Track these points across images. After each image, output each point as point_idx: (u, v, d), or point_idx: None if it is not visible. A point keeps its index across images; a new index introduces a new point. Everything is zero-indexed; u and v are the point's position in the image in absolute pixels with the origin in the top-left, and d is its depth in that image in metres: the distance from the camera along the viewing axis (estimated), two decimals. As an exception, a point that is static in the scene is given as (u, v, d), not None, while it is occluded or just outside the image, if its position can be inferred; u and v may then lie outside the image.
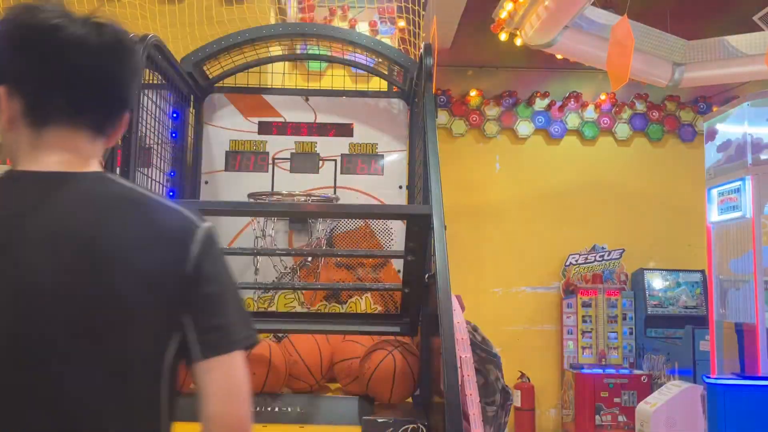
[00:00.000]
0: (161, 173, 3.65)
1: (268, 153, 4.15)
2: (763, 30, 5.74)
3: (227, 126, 4.18)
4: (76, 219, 1.09)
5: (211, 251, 1.16)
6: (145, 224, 1.13)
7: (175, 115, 3.90)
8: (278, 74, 4.51)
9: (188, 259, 1.13)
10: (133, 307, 1.09)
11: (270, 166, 4.13)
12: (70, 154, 1.14)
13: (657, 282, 7.04)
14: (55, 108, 1.14)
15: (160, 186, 3.62)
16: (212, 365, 1.13)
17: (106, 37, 1.15)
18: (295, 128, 4.18)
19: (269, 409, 2.89)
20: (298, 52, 4.39)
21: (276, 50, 4.29)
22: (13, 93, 1.12)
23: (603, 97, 7.58)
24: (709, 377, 4.44)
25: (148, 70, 3.35)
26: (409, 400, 3.15)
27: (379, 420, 2.64)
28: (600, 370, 6.67)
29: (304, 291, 3.92)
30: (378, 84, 4.47)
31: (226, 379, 1.13)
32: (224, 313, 1.16)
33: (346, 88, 4.52)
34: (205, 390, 1.13)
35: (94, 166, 1.18)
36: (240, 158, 4.14)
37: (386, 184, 4.12)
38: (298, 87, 4.78)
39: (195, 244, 1.14)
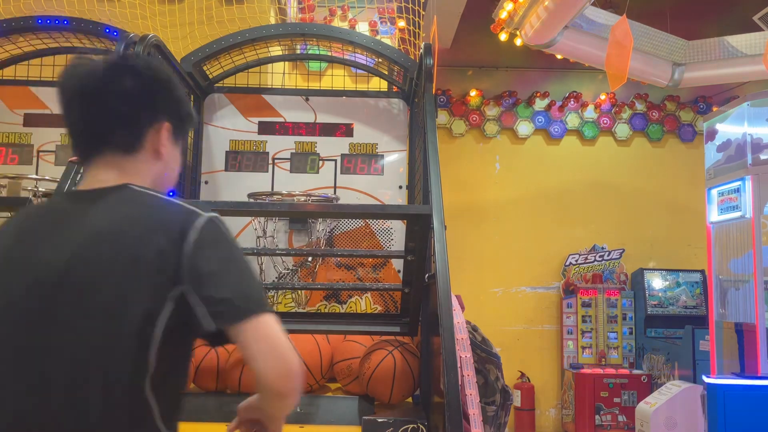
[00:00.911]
0: (161, 173, 3.64)
1: (268, 153, 4.15)
2: (763, 30, 5.74)
3: (227, 126, 4.18)
4: (98, 219, 1.29)
5: (208, 237, 1.27)
6: (148, 217, 1.30)
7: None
8: (278, 74, 4.52)
9: (186, 243, 1.24)
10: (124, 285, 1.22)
11: (270, 166, 4.13)
12: (105, 173, 1.38)
13: (657, 282, 7.04)
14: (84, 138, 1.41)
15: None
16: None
17: (99, 64, 1.38)
18: (295, 128, 4.18)
19: (269, 409, 2.88)
20: (298, 52, 4.39)
21: (276, 50, 4.29)
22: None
23: (603, 97, 7.58)
24: (709, 377, 4.44)
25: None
26: (409, 400, 3.15)
27: (379, 420, 2.63)
28: (600, 370, 6.67)
29: (305, 293, 3.93)
30: (378, 84, 4.47)
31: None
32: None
33: (346, 88, 4.53)
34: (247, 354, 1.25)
35: (124, 180, 1.37)
36: (240, 158, 4.14)
37: (386, 184, 4.12)
38: (298, 87, 4.79)
39: (193, 230, 1.26)
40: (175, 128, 1.45)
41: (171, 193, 1.45)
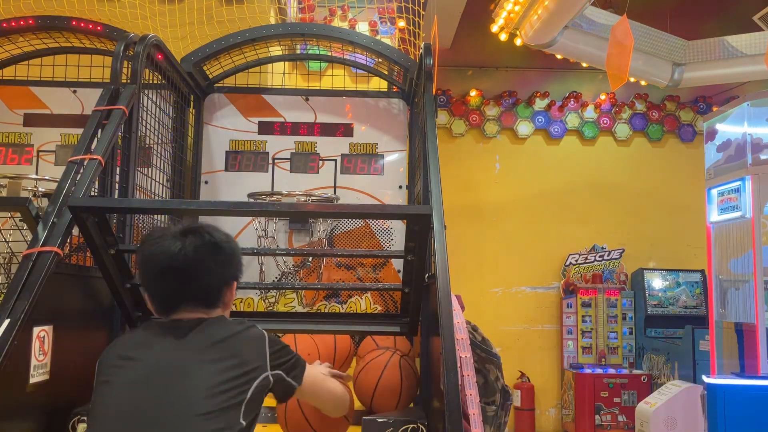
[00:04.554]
0: (161, 173, 3.65)
1: (268, 153, 4.15)
2: (763, 30, 5.74)
3: (227, 126, 4.18)
4: None
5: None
6: None
7: (175, 115, 3.90)
8: (278, 74, 4.52)
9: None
10: None
11: (270, 166, 4.13)
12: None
13: (657, 282, 7.04)
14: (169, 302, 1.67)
15: (160, 186, 3.62)
16: None
17: (188, 246, 1.61)
18: (295, 128, 4.18)
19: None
20: (298, 52, 4.39)
21: (276, 50, 4.29)
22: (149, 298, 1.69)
23: (603, 97, 7.58)
24: (709, 377, 4.44)
25: (148, 70, 3.36)
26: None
27: (379, 420, 2.63)
28: (600, 370, 6.67)
29: (305, 291, 3.93)
30: (378, 84, 4.47)
31: None
32: None
33: (346, 88, 4.52)
34: None
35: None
36: (240, 158, 4.14)
37: (386, 184, 4.12)
38: (298, 87, 4.79)
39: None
40: (238, 282, 1.75)
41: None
